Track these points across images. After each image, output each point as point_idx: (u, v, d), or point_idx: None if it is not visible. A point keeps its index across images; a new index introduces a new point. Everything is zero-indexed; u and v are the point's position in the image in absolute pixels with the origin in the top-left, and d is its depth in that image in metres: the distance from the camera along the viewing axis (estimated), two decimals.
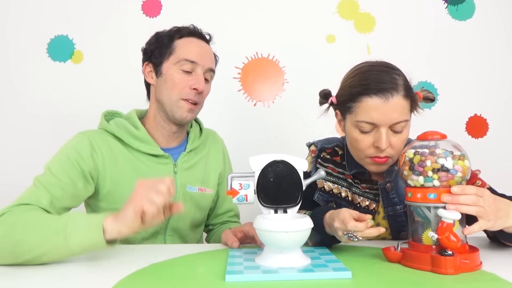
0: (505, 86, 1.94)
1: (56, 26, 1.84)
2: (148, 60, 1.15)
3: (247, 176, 0.88)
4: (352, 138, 1.03)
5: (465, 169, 0.79)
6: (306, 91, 1.90)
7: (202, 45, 1.16)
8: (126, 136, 1.11)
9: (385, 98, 0.94)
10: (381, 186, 1.08)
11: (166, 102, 1.12)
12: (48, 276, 0.74)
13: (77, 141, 1.07)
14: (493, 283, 0.69)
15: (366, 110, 0.96)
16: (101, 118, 1.15)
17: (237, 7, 1.90)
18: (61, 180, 0.99)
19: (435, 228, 0.77)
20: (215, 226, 1.31)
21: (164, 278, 0.72)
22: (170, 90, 1.11)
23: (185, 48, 1.12)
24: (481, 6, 1.93)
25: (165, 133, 1.17)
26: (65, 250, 0.79)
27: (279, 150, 1.01)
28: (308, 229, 0.78)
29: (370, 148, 1.00)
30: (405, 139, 1.00)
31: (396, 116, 0.95)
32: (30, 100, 1.82)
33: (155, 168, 1.12)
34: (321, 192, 1.11)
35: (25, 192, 0.97)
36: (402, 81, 0.98)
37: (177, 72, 1.11)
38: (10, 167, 1.77)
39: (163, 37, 1.14)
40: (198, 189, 1.19)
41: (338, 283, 0.68)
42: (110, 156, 1.08)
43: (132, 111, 1.18)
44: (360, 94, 0.97)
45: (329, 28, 1.91)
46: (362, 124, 0.98)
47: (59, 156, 1.04)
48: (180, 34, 1.14)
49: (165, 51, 1.13)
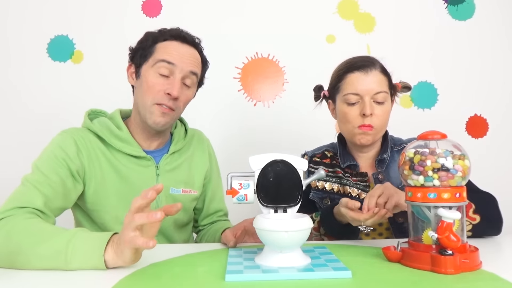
0: (505, 86, 1.94)
1: (56, 26, 1.84)
2: (132, 60, 1.14)
3: (247, 175, 0.88)
4: (341, 114, 1.18)
5: (465, 169, 0.79)
6: (306, 91, 1.89)
7: (184, 47, 1.11)
8: (109, 136, 1.09)
9: (365, 71, 1.14)
10: (374, 176, 1.20)
11: (140, 105, 1.10)
12: (48, 276, 0.74)
13: (62, 139, 1.05)
14: (493, 283, 0.68)
15: (351, 83, 1.15)
16: (84, 116, 1.14)
17: (237, 7, 1.90)
18: (51, 178, 0.97)
19: (435, 227, 0.77)
20: (205, 227, 1.31)
21: (164, 278, 0.72)
22: (145, 93, 1.08)
23: (163, 50, 1.09)
24: (481, 6, 1.94)
25: (146, 135, 1.15)
26: (65, 268, 0.76)
27: (279, 149, 1.01)
28: (308, 228, 0.78)
29: (357, 118, 1.15)
30: (387, 111, 1.16)
31: (375, 86, 1.13)
32: (30, 100, 1.82)
33: (137, 170, 1.11)
34: (315, 191, 1.24)
35: (16, 193, 0.94)
36: (378, 63, 1.18)
37: (153, 75, 1.07)
38: (10, 167, 1.77)
39: (148, 38, 1.12)
40: (182, 190, 1.18)
41: (338, 283, 0.68)
42: (93, 156, 1.07)
43: (116, 111, 1.16)
44: (345, 72, 1.17)
45: (329, 28, 1.92)
46: (348, 96, 1.15)
47: (45, 155, 1.02)
48: (164, 37, 1.11)
49: (146, 52, 1.10)
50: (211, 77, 1.85)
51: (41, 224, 0.85)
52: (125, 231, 0.73)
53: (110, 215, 1.09)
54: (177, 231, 1.22)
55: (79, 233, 0.79)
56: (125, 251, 0.74)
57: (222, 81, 1.88)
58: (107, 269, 0.76)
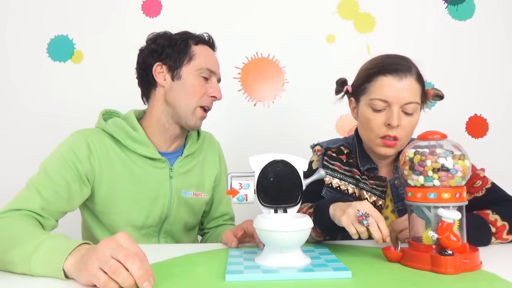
0: (505, 86, 1.94)
1: (56, 26, 1.84)
2: (162, 60, 1.11)
3: (247, 175, 0.88)
4: (364, 119, 1.07)
5: (465, 169, 0.79)
6: (306, 91, 1.90)
7: (215, 55, 1.18)
8: (124, 137, 1.09)
9: (399, 77, 1.01)
10: (390, 182, 1.12)
11: (182, 107, 1.10)
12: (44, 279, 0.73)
13: (74, 141, 1.04)
14: (493, 283, 0.68)
15: (380, 88, 1.02)
16: (99, 117, 1.13)
17: (237, 7, 1.90)
18: (55, 181, 0.97)
19: (435, 227, 0.77)
20: (210, 230, 1.31)
21: (164, 278, 0.72)
22: (190, 96, 1.10)
23: (204, 56, 1.13)
24: (481, 6, 1.94)
25: (167, 137, 1.15)
26: (32, 274, 0.72)
27: (279, 150, 1.01)
28: (308, 228, 0.78)
29: (381, 127, 1.04)
30: (414, 123, 1.04)
31: (408, 95, 1.01)
32: (30, 100, 1.82)
33: (151, 172, 1.11)
34: (329, 188, 1.14)
35: (18, 195, 0.94)
36: (415, 68, 1.06)
37: (197, 78, 1.11)
38: (9, 167, 1.77)
39: (177, 41, 1.12)
40: (193, 194, 1.18)
41: (338, 283, 0.68)
42: (106, 158, 1.06)
43: (130, 112, 1.16)
44: (376, 74, 1.04)
45: (329, 28, 1.91)
46: (375, 102, 1.03)
47: (55, 156, 1.02)
48: (196, 40, 1.14)
49: (184, 56, 1.11)
50: None
51: (21, 228, 0.82)
52: (94, 262, 0.64)
53: (121, 217, 1.08)
54: (185, 234, 1.22)
55: (48, 240, 0.74)
56: (82, 277, 0.66)
57: (222, 81, 1.87)
58: (66, 279, 0.69)
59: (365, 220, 0.80)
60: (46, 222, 0.94)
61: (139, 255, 0.65)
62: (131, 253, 0.64)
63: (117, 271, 0.62)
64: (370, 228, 0.80)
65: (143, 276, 0.63)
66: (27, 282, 0.71)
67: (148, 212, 1.11)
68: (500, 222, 0.94)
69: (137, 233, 1.11)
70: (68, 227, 1.13)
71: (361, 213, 0.81)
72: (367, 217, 0.80)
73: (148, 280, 0.63)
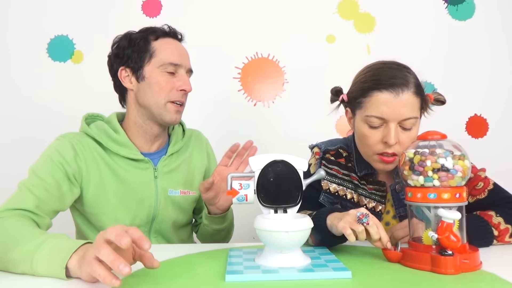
0: (505, 86, 1.94)
1: (56, 26, 1.84)
2: (125, 64, 1.11)
3: (247, 176, 0.88)
4: (361, 134, 1.03)
5: (465, 169, 0.79)
6: (306, 91, 1.90)
7: (179, 45, 1.15)
8: (106, 140, 1.10)
9: (396, 93, 0.95)
10: (391, 187, 1.09)
11: (153, 106, 1.10)
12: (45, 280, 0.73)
13: (60, 144, 1.06)
14: (493, 283, 0.68)
15: (376, 105, 0.97)
16: (81, 121, 1.14)
17: (237, 7, 1.90)
18: (46, 181, 0.98)
19: (435, 228, 0.77)
20: None
21: (164, 278, 0.72)
22: (157, 93, 1.09)
23: (165, 50, 1.10)
24: (481, 6, 1.93)
25: (147, 138, 1.15)
26: (34, 274, 0.73)
27: (279, 150, 1.01)
28: (308, 229, 0.78)
29: (378, 144, 1.00)
30: (413, 137, 0.99)
31: (405, 112, 0.96)
32: (30, 100, 1.82)
33: (135, 173, 1.11)
34: (327, 194, 1.12)
35: (11, 197, 0.95)
36: (413, 79, 0.99)
37: (162, 75, 1.09)
38: (9, 167, 1.77)
39: (137, 40, 1.11)
40: (180, 192, 1.18)
41: (338, 283, 0.68)
42: (91, 159, 1.07)
43: (113, 114, 1.17)
44: (371, 89, 0.98)
45: (329, 28, 1.91)
46: (371, 119, 0.98)
47: (42, 159, 1.03)
48: (156, 35, 1.12)
49: (144, 54, 1.10)
50: (211, 77, 1.86)
51: (21, 228, 0.83)
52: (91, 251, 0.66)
53: (109, 218, 1.09)
54: (175, 232, 1.22)
55: (50, 239, 0.75)
56: (84, 273, 0.67)
57: (222, 81, 1.88)
58: (67, 279, 0.70)
59: (365, 218, 0.79)
60: (41, 220, 0.94)
61: (129, 229, 0.66)
62: (122, 231, 0.65)
63: (100, 249, 0.64)
64: (369, 229, 0.79)
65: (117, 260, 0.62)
66: (28, 282, 0.71)
67: (134, 213, 1.12)
68: (503, 225, 0.93)
69: None
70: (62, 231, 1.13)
71: (361, 212, 0.80)
72: (367, 216, 0.80)
73: (124, 263, 0.62)
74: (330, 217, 0.88)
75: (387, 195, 1.10)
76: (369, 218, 0.80)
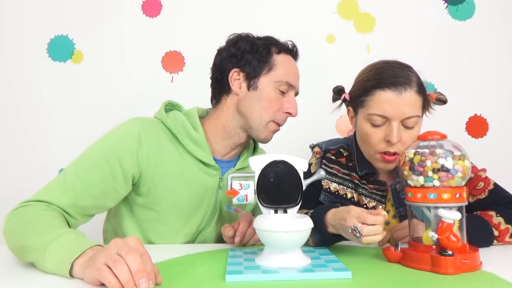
0: (505, 86, 1.94)
1: (56, 26, 1.84)
2: (240, 67, 1.05)
3: (247, 176, 0.88)
4: (363, 133, 1.03)
5: (465, 169, 0.79)
6: (306, 91, 1.89)
7: (297, 66, 1.11)
8: (182, 135, 1.03)
9: (398, 91, 0.96)
10: (391, 187, 1.09)
11: (255, 119, 1.04)
12: (47, 275, 0.73)
13: (126, 131, 0.98)
14: (493, 283, 0.68)
15: (379, 103, 0.98)
16: (161, 107, 1.06)
17: (237, 7, 1.90)
18: (91, 179, 0.92)
19: (435, 228, 0.77)
20: None
21: (164, 278, 0.71)
22: (265, 109, 1.03)
23: (285, 68, 1.06)
24: (481, 6, 1.93)
25: (229, 143, 1.08)
26: (44, 269, 0.74)
27: (279, 150, 1.01)
28: (308, 229, 0.78)
29: (380, 143, 1.00)
30: (415, 136, 0.98)
31: (408, 110, 0.96)
32: (30, 100, 1.82)
33: (201, 177, 1.04)
34: (327, 193, 1.12)
35: (49, 185, 0.91)
36: (415, 78, 1.00)
37: (274, 91, 1.04)
38: (8, 167, 1.77)
39: (260, 48, 1.06)
40: (234, 209, 1.12)
41: (338, 283, 0.68)
42: (156, 154, 0.99)
43: (194, 109, 1.09)
44: (374, 88, 0.99)
45: (329, 28, 1.91)
46: (374, 117, 0.99)
47: (101, 145, 0.96)
48: (279, 49, 1.07)
49: (264, 65, 1.04)
50: None
51: (47, 218, 0.82)
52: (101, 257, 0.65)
53: (159, 215, 1.04)
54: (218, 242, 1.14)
55: (69, 234, 0.75)
56: (88, 276, 0.67)
57: None
58: (70, 278, 0.70)
59: (357, 234, 0.79)
60: (72, 221, 0.91)
61: (143, 256, 0.66)
62: (134, 250, 0.65)
63: (117, 265, 0.62)
64: (363, 238, 0.78)
65: (140, 272, 0.62)
66: (28, 282, 0.71)
67: (186, 219, 1.06)
68: (503, 225, 0.93)
69: (173, 238, 1.06)
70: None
71: (352, 228, 0.79)
72: (356, 230, 0.79)
73: (146, 277, 0.62)
74: (329, 221, 0.88)
75: (387, 194, 1.10)
76: (358, 230, 0.78)
